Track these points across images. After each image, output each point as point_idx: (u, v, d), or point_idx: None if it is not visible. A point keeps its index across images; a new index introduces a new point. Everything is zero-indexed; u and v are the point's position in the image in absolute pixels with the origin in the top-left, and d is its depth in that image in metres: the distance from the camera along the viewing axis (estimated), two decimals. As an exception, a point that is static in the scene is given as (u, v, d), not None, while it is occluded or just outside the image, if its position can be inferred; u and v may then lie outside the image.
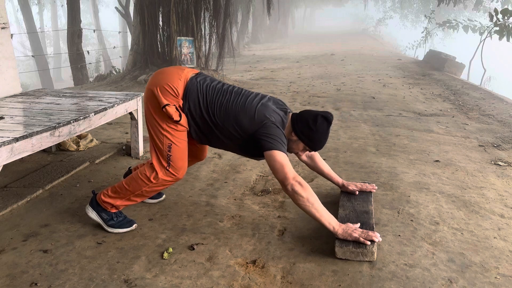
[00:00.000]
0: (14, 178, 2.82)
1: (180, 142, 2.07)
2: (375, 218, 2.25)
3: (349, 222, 2.04)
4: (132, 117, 3.22)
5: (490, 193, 2.69)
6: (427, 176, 2.95)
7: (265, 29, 25.22)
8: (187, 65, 7.26)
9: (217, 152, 3.52)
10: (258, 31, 23.15)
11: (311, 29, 37.87)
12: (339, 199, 2.40)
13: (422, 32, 15.22)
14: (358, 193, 2.44)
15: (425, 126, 4.45)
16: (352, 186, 2.46)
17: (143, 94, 3.33)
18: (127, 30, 12.47)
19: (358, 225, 2.01)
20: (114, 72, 9.53)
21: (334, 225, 1.93)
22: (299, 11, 39.77)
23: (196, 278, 1.78)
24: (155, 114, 2.05)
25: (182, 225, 2.23)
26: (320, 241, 2.06)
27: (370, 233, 1.90)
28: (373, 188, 2.49)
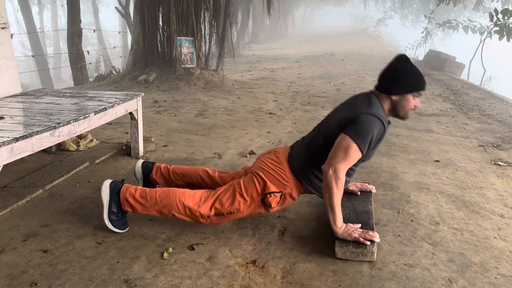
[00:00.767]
0: (14, 178, 2.82)
1: (241, 216, 2.08)
2: (375, 218, 2.25)
3: (349, 222, 2.04)
4: (132, 117, 3.22)
5: (490, 193, 2.69)
6: (427, 176, 2.95)
7: (265, 29, 25.22)
8: (187, 65, 7.27)
9: (217, 152, 3.52)
10: (258, 31, 23.15)
11: (311, 29, 37.86)
12: (339, 199, 2.40)
13: (422, 32, 15.21)
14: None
15: (425, 126, 4.45)
16: (352, 186, 2.46)
17: (143, 94, 3.34)
18: (127, 30, 12.47)
19: (359, 225, 2.01)
20: (114, 72, 9.53)
21: (338, 223, 1.93)
22: (299, 11, 39.76)
23: (196, 278, 1.78)
24: (267, 179, 2.04)
25: (182, 225, 2.23)
26: (320, 241, 2.06)
27: (370, 233, 1.90)
28: (372, 188, 2.49)
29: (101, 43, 19.08)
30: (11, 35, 3.55)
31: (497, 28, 9.16)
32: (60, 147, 3.42)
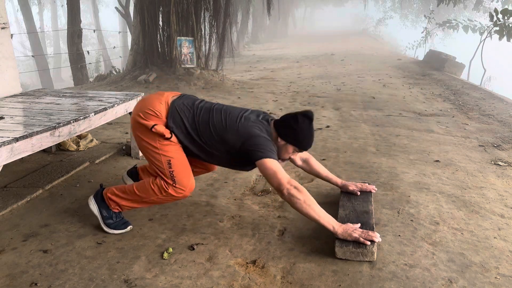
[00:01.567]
0: (14, 178, 2.82)
1: (177, 155, 2.07)
2: (375, 218, 2.25)
3: (349, 222, 2.04)
4: (132, 117, 3.21)
5: (490, 193, 2.69)
6: (427, 176, 2.95)
7: (265, 29, 25.23)
8: (187, 65, 7.27)
9: (217, 152, 3.52)
10: (258, 31, 23.15)
11: (311, 29, 37.86)
12: (339, 199, 2.40)
13: (422, 32, 15.22)
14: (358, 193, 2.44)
15: (425, 126, 4.45)
16: (352, 186, 2.46)
17: (143, 94, 3.34)
18: (127, 30, 12.46)
19: (359, 225, 2.01)
20: (114, 72, 9.53)
21: (334, 225, 1.93)
22: (299, 11, 39.77)
23: (196, 278, 1.78)
24: (146, 137, 2.07)
25: (182, 225, 2.23)
26: (320, 241, 2.06)
27: (370, 233, 1.90)
28: (373, 188, 2.49)
29: (101, 43, 19.08)
30: (11, 35, 3.55)
31: (497, 28, 9.16)
32: (60, 147, 3.42)
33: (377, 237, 1.89)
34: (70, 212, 2.39)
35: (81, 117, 2.47)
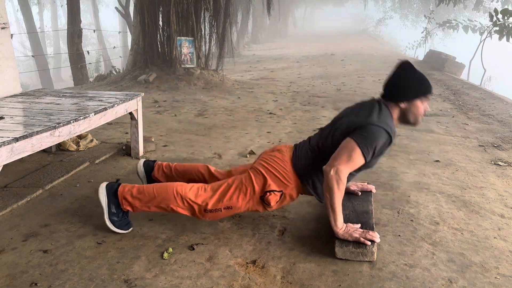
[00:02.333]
0: (14, 178, 2.82)
1: (238, 211, 2.07)
2: (375, 218, 2.25)
3: (349, 222, 2.03)
4: (132, 117, 3.22)
5: (490, 193, 2.69)
6: (427, 176, 2.95)
7: (265, 29, 25.22)
8: (187, 65, 7.27)
9: (217, 152, 3.52)
10: (258, 31, 23.15)
11: (311, 29, 37.86)
12: (339, 199, 2.40)
13: (422, 32, 15.22)
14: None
15: (425, 126, 4.45)
16: (353, 187, 2.46)
17: (143, 94, 3.34)
18: (127, 30, 12.46)
19: (359, 225, 2.01)
20: (114, 72, 9.53)
21: (338, 223, 1.93)
22: (299, 11, 39.76)
23: (196, 278, 1.78)
24: (268, 177, 2.03)
25: (182, 225, 2.23)
26: (320, 241, 2.06)
27: (370, 233, 1.90)
28: (373, 188, 2.49)
29: (101, 43, 19.08)
30: (11, 35, 3.55)
31: (497, 28, 9.16)
32: (60, 147, 3.42)
33: (377, 237, 1.89)
34: (70, 212, 2.39)
35: (81, 117, 2.47)
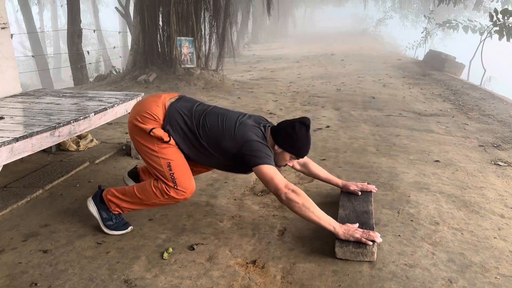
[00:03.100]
0: (14, 178, 2.82)
1: (177, 157, 2.07)
2: (375, 218, 2.25)
3: (348, 223, 2.04)
4: (132, 117, 3.21)
5: (490, 193, 2.69)
6: (427, 176, 2.95)
7: (265, 29, 25.22)
8: (187, 65, 7.27)
9: (217, 152, 3.52)
10: (258, 31, 23.15)
11: (311, 29, 37.86)
12: (339, 199, 2.40)
13: (422, 32, 15.22)
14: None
15: (425, 126, 4.45)
16: (353, 186, 2.46)
17: (143, 94, 3.34)
18: (127, 30, 12.47)
19: (357, 225, 2.01)
20: (114, 72, 9.53)
21: (335, 225, 1.93)
22: (299, 11, 39.78)
23: (196, 278, 1.78)
24: (144, 141, 2.06)
25: (182, 225, 2.23)
26: (320, 241, 2.06)
27: (371, 233, 1.90)
28: (373, 188, 2.49)
29: (101, 43, 19.08)
30: (11, 35, 3.55)
31: (497, 28, 9.16)
32: (60, 147, 3.42)
33: (377, 237, 1.89)
34: (70, 212, 2.39)
35: (81, 117, 2.47)
